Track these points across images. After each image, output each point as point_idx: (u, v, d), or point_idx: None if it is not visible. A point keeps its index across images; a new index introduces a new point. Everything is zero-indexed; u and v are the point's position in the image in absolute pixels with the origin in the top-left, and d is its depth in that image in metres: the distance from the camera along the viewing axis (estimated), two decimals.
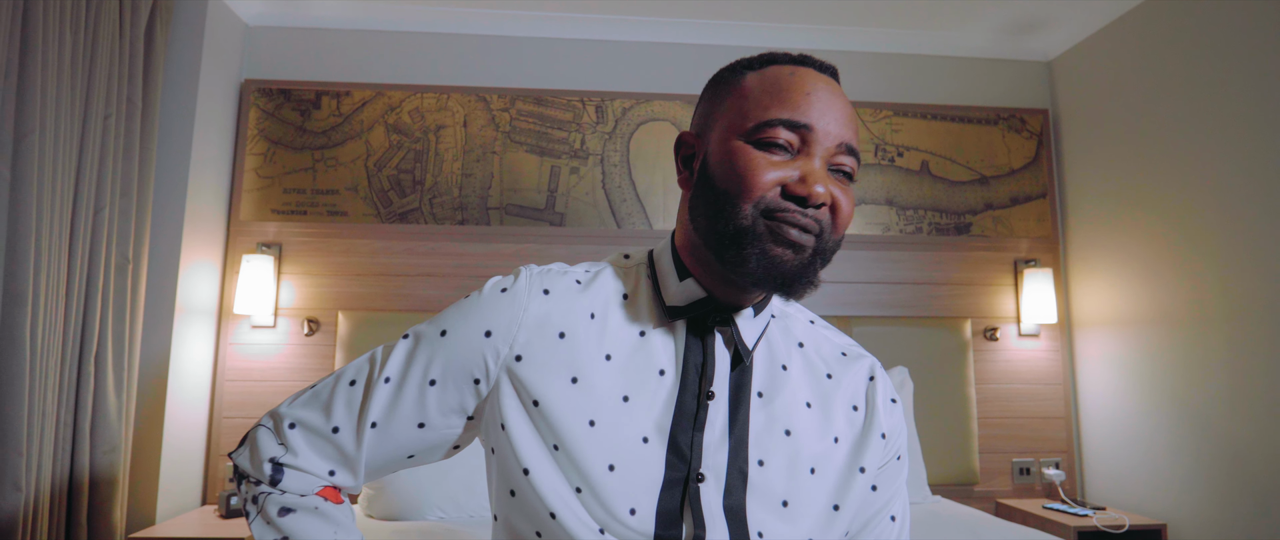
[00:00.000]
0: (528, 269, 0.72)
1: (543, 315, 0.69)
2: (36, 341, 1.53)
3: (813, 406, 0.73)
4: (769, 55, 0.70)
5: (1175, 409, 2.07)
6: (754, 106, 0.65)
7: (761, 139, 0.64)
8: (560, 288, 0.71)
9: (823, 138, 0.64)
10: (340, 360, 2.20)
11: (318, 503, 0.69)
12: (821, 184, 0.63)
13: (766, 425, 0.70)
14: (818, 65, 0.68)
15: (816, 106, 0.64)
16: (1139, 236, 2.20)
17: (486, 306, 0.69)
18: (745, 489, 0.67)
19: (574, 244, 2.37)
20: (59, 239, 1.63)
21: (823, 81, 0.66)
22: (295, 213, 2.31)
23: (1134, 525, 2.01)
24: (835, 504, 0.70)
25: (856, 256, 2.43)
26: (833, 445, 0.71)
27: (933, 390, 2.30)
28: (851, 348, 0.79)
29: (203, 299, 2.18)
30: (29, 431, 1.51)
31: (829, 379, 0.75)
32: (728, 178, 0.64)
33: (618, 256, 0.78)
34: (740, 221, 0.63)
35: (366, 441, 0.68)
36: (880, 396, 0.76)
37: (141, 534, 1.81)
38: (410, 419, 0.69)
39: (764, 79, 0.67)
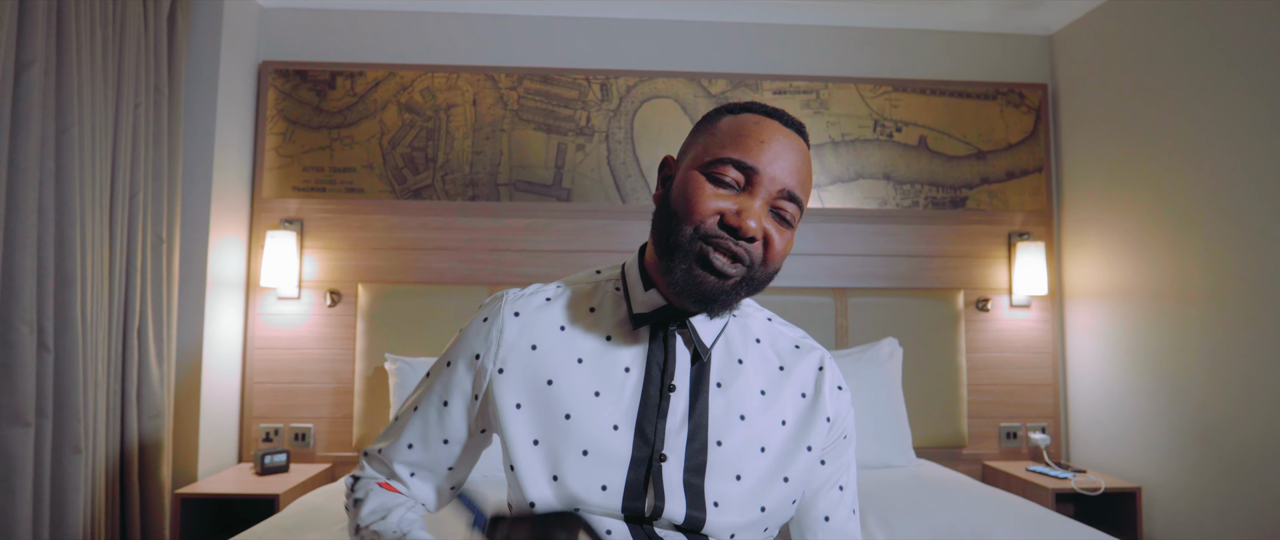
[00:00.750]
0: (507, 298, 0.85)
1: (515, 333, 0.82)
2: (87, 319, 1.68)
3: (766, 394, 0.84)
4: (750, 103, 0.80)
5: (1156, 380, 2.17)
6: (717, 145, 0.76)
7: (713, 173, 0.75)
8: (529, 308, 0.84)
9: (768, 182, 0.75)
10: (361, 330, 2.35)
11: (373, 487, 0.86)
12: (755, 219, 0.74)
13: (724, 411, 0.82)
14: (785, 119, 0.79)
15: (767, 154, 0.75)
16: (1131, 212, 2.27)
17: (473, 334, 0.84)
18: (705, 466, 0.79)
19: (580, 218, 2.48)
20: (100, 224, 1.77)
21: (782, 134, 0.77)
22: (315, 190, 2.44)
23: (1110, 488, 2.13)
24: (784, 477, 0.82)
25: (853, 230, 2.53)
26: (781, 426, 0.84)
27: (923, 359, 2.41)
28: (804, 341, 0.91)
29: (231, 273, 2.33)
30: (85, 400, 1.67)
31: (781, 370, 0.87)
32: (679, 200, 0.76)
33: (590, 273, 0.89)
34: (679, 238, 0.75)
35: (406, 458, 0.86)
36: (827, 384, 0.87)
37: (186, 490, 1.99)
38: (437, 437, 0.85)
39: (734, 123, 0.78)
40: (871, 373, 2.15)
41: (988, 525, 1.44)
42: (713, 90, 2.54)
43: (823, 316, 2.43)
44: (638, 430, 0.78)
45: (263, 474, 2.17)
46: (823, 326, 2.43)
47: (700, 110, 2.52)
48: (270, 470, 2.19)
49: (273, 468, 2.19)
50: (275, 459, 2.21)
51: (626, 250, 2.49)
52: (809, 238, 2.52)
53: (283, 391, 2.40)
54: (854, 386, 2.10)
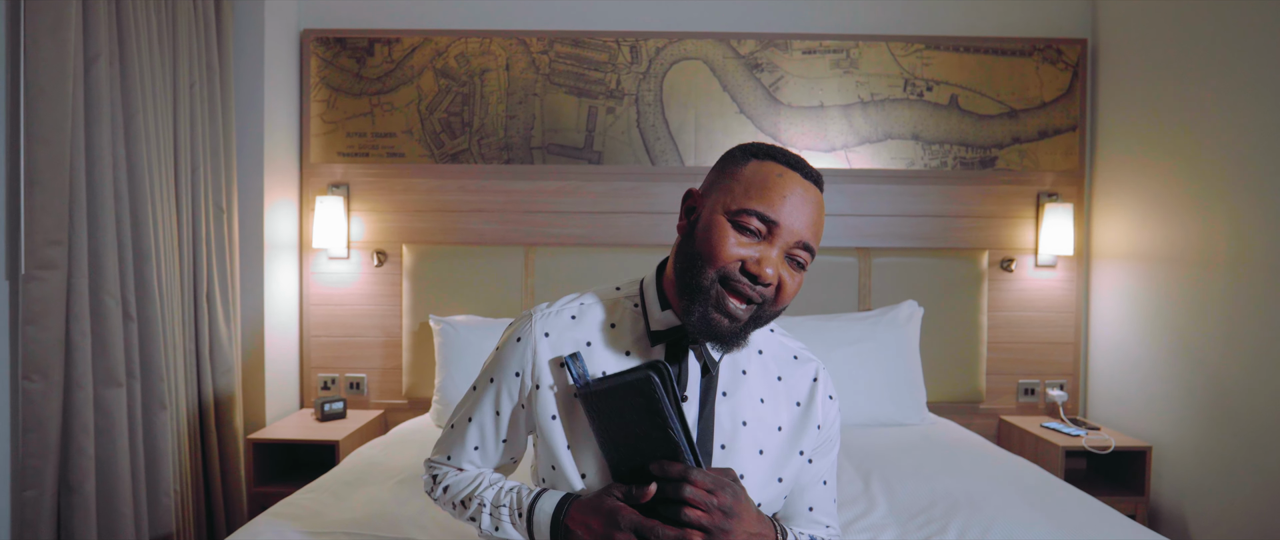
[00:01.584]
0: (535, 316, 0.95)
1: (548, 352, 0.92)
2: (162, 288, 1.86)
3: (765, 402, 0.95)
4: (772, 149, 0.87)
5: (1174, 343, 2.21)
6: (743, 193, 0.83)
7: (738, 221, 0.83)
8: (557, 328, 0.93)
9: (786, 234, 0.83)
10: (407, 288, 2.50)
11: (450, 472, 1.01)
12: (773, 268, 0.82)
13: (728, 417, 0.92)
14: (805, 171, 0.86)
15: (788, 208, 0.82)
16: (1163, 173, 2.25)
17: (511, 354, 0.94)
18: (710, 465, 0.90)
19: (611, 181, 2.56)
20: (167, 200, 1.92)
21: (801, 187, 0.84)
22: (359, 155, 2.56)
23: (1121, 447, 2.21)
24: (779, 477, 0.93)
25: (880, 191, 2.56)
26: (778, 432, 0.94)
27: (945, 317, 2.47)
28: (802, 352, 1.00)
29: (285, 236, 2.49)
30: (166, 362, 1.86)
31: (779, 380, 0.97)
32: (705, 243, 0.84)
33: (610, 288, 0.99)
34: (702, 280, 0.83)
35: (472, 457, 0.99)
36: (820, 395, 0.97)
37: (257, 435, 2.22)
38: (495, 438, 0.98)
39: (759, 173, 0.84)
40: (889, 334, 2.24)
41: (985, 491, 1.55)
42: (742, 51, 2.54)
43: (846, 276, 2.50)
44: None
45: (323, 420, 2.39)
46: (846, 287, 2.50)
47: (729, 72, 2.55)
48: (329, 416, 2.40)
49: (331, 415, 2.41)
50: (333, 406, 2.42)
51: (656, 213, 2.57)
52: (835, 198, 2.56)
53: (337, 344, 2.59)
54: (871, 348, 2.20)
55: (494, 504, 0.93)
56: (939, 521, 1.41)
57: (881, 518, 1.45)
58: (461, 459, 0.99)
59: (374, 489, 1.57)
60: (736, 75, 2.55)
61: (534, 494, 0.91)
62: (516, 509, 0.91)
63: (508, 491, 0.93)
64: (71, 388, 1.65)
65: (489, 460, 0.99)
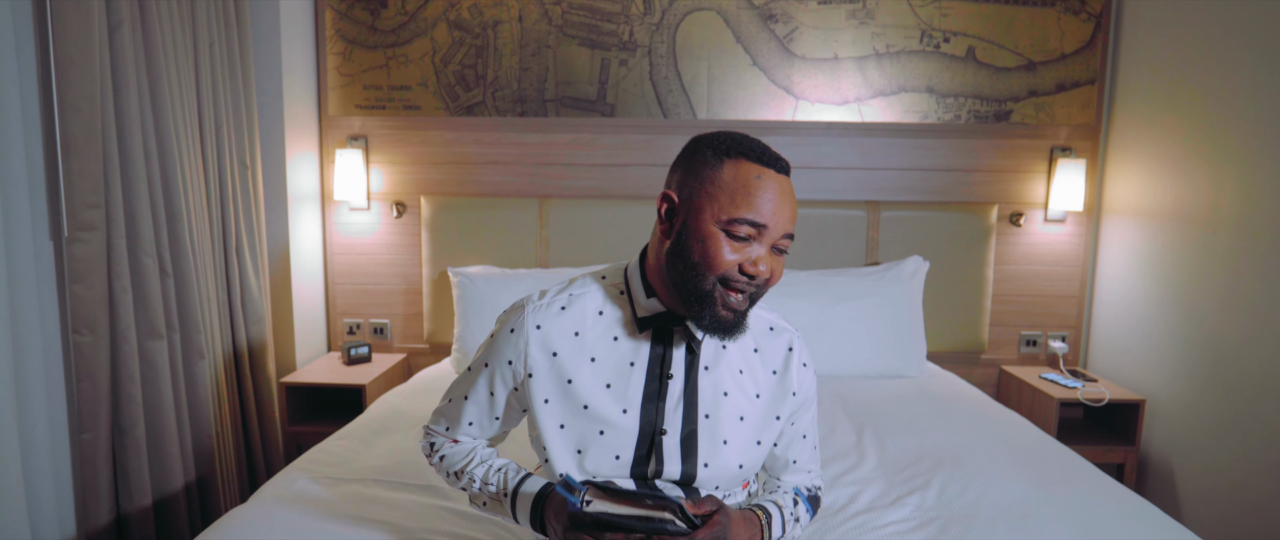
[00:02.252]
0: (527, 308, 1.01)
1: (539, 343, 0.99)
2: (194, 245, 1.96)
3: (744, 373, 1.03)
4: (741, 145, 0.91)
5: (1175, 301, 2.24)
6: (730, 202, 0.88)
7: (730, 230, 0.89)
8: (548, 318, 1.00)
9: (773, 231, 0.89)
10: (425, 239, 2.59)
11: (446, 444, 1.11)
12: (765, 263, 0.90)
13: (710, 389, 1.00)
14: (777, 165, 0.91)
15: (772, 209, 0.88)
16: (1178, 131, 2.23)
17: (504, 343, 1.01)
18: (696, 434, 0.99)
19: (624, 134, 2.59)
20: (194, 159, 2.00)
21: (778, 184, 0.89)
22: (376, 108, 2.60)
23: (1116, 399, 2.27)
24: (758, 441, 1.02)
25: (892, 144, 2.56)
26: (756, 400, 1.03)
27: (951, 270, 2.52)
28: (778, 323, 1.08)
29: (307, 187, 2.57)
30: (202, 314, 1.98)
31: (755, 352, 1.05)
32: (703, 255, 0.90)
33: (597, 275, 1.05)
34: (704, 286, 0.90)
35: (467, 431, 1.08)
36: (794, 363, 1.05)
37: (289, 379, 2.36)
38: (489, 416, 1.06)
39: (739, 175, 0.89)
40: (893, 290, 2.29)
41: (970, 447, 1.63)
42: (756, 1, 2.51)
43: (854, 229, 2.54)
44: (642, 412, 0.98)
45: (350, 364, 2.53)
46: (853, 240, 2.54)
47: (743, 23, 2.52)
48: (356, 361, 2.54)
49: (357, 359, 2.54)
50: (359, 351, 2.55)
51: (668, 165, 2.60)
52: (846, 151, 2.58)
53: (360, 291, 2.71)
54: (875, 303, 2.26)
55: (483, 481, 1.03)
56: (923, 477, 1.50)
57: (870, 471, 1.55)
58: (458, 432, 1.09)
59: (398, 437, 1.69)
60: (750, 26, 2.53)
61: (520, 477, 1.01)
62: (502, 489, 1.01)
63: (496, 471, 1.03)
64: (117, 340, 1.77)
65: (484, 434, 1.09)
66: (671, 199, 0.95)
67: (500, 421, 1.07)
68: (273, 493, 1.39)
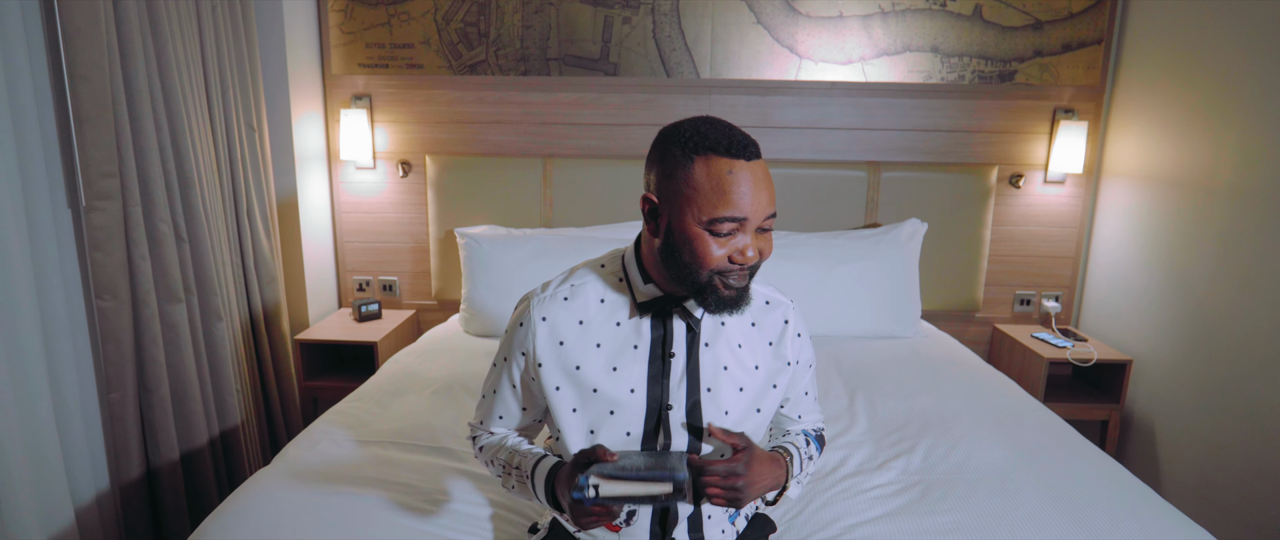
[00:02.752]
0: (532, 301, 1.07)
1: (546, 334, 1.05)
2: (207, 210, 2.01)
3: (742, 347, 1.09)
4: (702, 138, 0.92)
5: (1167, 264, 2.29)
6: (707, 203, 0.92)
7: (714, 229, 0.92)
8: (553, 311, 1.06)
9: (754, 220, 0.93)
10: (432, 198, 2.62)
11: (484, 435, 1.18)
12: (751, 249, 0.94)
13: (711, 364, 1.06)
14: (746, 153, 0.92)
15: (749, 200, 0.91)
16: (1182, 96, 2.23)
17: (515, 337, 1.08)
18: (699, 407, 1.06)
19: (627, 93, 2.60)
20: (203, 125, 2.02)
21: (750, 172, 0.92)
22: (378, 66, 2.60)
23: (1103, 359, 2.35)
24: (757, 409, 1.09)
25: (894, 104, 2.56)
26: (754, 371, 1.09)
27: (948, 230, 2.55)
28: (773, 296, 1.13)
29: (313, 147, 2.60)
30: (218, 277, 2.04)
31: (753, 326, 1.10)
32: (692, 255, 0.94)
33: (595, 265, 1.10)
34: (701, 280, 0.95)
35: (498, 424, 1.16)
36: (789, 334, 1.11)
37: (303, 336, 2.44)
38: (515, 407, 1.13)
39: (711, 175, 0.91)
40: (890, 252, 2.34)
41: (957, 411, 1.71)
42: None
43: (855, 190, 2.57)
44: (649, 391, 1.04)
45: (361, 321, 2.60)
46: (853, 201, 2.57)
47: None
48: (366, 317, 2.62)
49: (368, 316, 2.62)
50: (370, 308, 2.62)
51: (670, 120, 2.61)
52: (848, 112, 2.58)
53: (369, 249, 2.76)
54: (872, 266, 2.31)
55: (507, 466, 1.11)
56: (910, 441, 1.58)
57: (860, 435, 1.63)
58: (491, 425, 1.17)
59: (412, 399, 1.77)
60: None
61: (535, 459, 1.08)
62: (524, 472, 1.08)
63: (521, 456, 1.10)
64: (138, 305, 1.84)
65: (513, 424, 1.16)
66: (652, 201, 0.99)
67: (527, 411, 1.14)
68: (295, 454, 1.48)
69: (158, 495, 1.94)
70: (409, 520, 1.25)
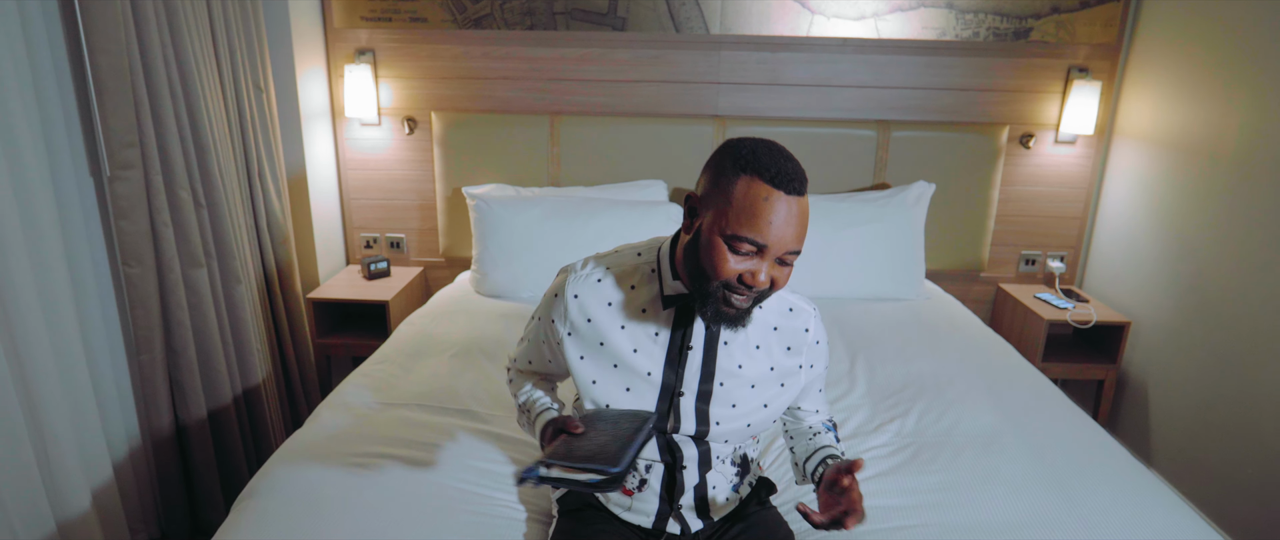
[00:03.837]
0: (570, 277, 1.21)
1: (577, 310, 1.20)
2: (222, 175, 2.14)
3: (760, 348, 1.23)
4: (756, 160, 1.02)
5: (1170, 227, 2.42)
6: (734, 218, 1.02)
7: (733, 245, 1.03)
8: (586, 290, 1.20)
9: (775, 249, 1.03)
10: (438, 155, 2.74)
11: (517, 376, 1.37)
12: (764, 275, 1.03)
13: (728, 361, 1.21)
14: (789, 186, 1.01)
15: (775, 229, 1.01)
16: (1199, 57, 2.33)
17: (552, 306, 1.23)
18: (710, 396, 1.21)
19: (635, 49, 2.68)
20: (215, 91, 2.13)
21: (786, 205, 1.01)
22: (381, 20, 2.68)
23: (1103, 321, 2.51)
24: (765, 404, 1.24)
25: (906, 62, 2.65)
26: (769, 372, 1.23)
27: (957, 190, 2.68)
28: (798, 304, 1.26)
29: (317, 104, 2.70)
30: (235, 240, 2.19)
31: (775, 331, 1.24)
32: (707, 261, 1.06)
33: (632, 254, 1.23)
34: (708, 287, 1.07)
35: (528, 368, 1.34)
36: (808, 341, 1.25)
37: (315, 295, 2.61)
38: (542, 359, 1.30)
39: (748, 194, 1.01)
40: (897, 216, 2.47)
41: (952, 376, 1.88)
42: None
43: (864, 149, 2.68)
44: (664, 375, 1.20)
45: (370, 279, 2.76)
46: (862, 160, 2.69)
47: None
48: (376, 275, 2.77)
49: (377, 273, 2.77)
50: (378, 265, 2.78)
51: (680, 82, 2.71)
52: (860, 69, 2.67)
53: (376, 206, 2.90)
54: (879, 229, 2.45)
55: (522, 406, 1.30)
56: (906, 404, 1.76)
57: (859, 398, 1.80)
58: (522, 365, 1.36)
59: (432, 362, 1.95)
60: None
61: (542, 409, 1.26)
62: (531, 416, 1.27)
63: (534, 402, 1.29)
64: (163, 270, 1.99)
65: (542, 369, 1.34)
66: (694, 200, 1.11)
67: (552, 363, 1.31)
68: (329, 416, 1.66)
69: (187, 450, 2.14)
70: (439, 477, 1.43)
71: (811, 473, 1.25)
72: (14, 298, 1.65)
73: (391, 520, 1.31)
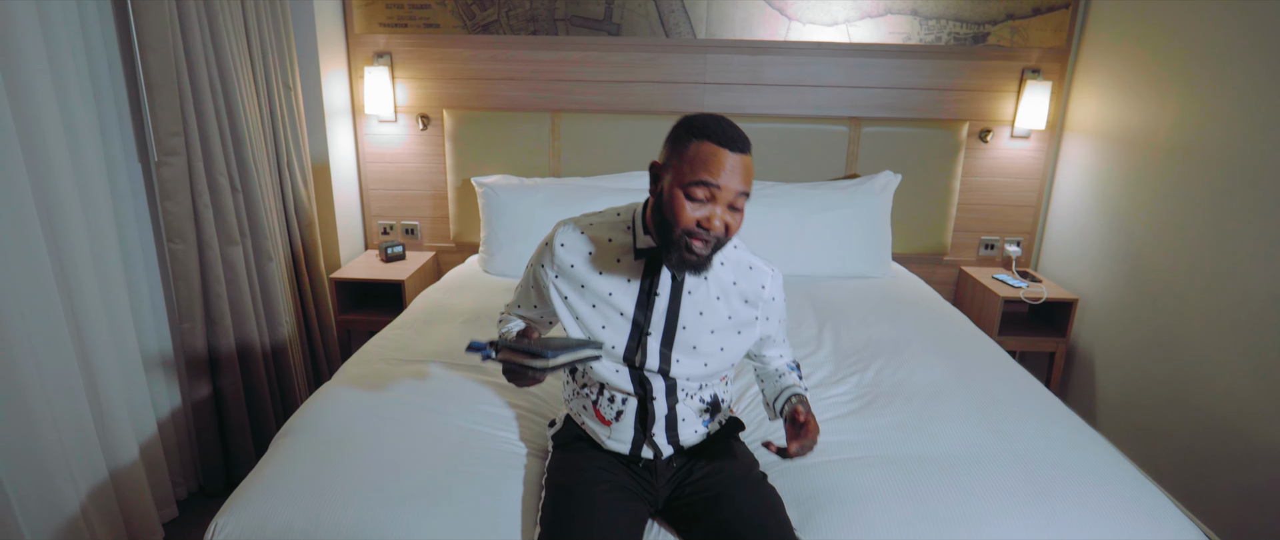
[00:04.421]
0: (559, 230, 1.35)
1: (563, 256, 1.34)
2: (256, 163, 2.28)
3: (720, 299, 1.36)
4: (706, 128, 1.17)
5: (1113, 214, 2.56)
6: (690, 169, 1.17)
7: (690, 192, 1.18)
8: (570, 239, 1.34)
9: (725, 192, 1.17)
10: (449, 149, 2.88)
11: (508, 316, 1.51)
12: (719, 219, 1.18)
13: (690, 308, 1.35)
14: (734, 145, 1.16)
15: (724, 176, 1.16)
16: (1140, 59, 2.46)
17: (542, 253, 1.37)
18: (673, 338, 1.35)
19: (628, 52, 2.82)
20: (249, 87, 2.27)
21: (732, 158, 1.16)
22: (398, 26, 2.82)
23: (1053, 297, 2.65)
24: (722, 347, 1.37)
25: (875, 64, 2.79)
26: (728, 320, 1.37)
27: (921, 181, 2.82)
28: (757, 264, 1.40)
29: (339, 102, 2.84)
30: (266, 223, 2.32)
31: (734, 284, 1.38)
32: (670, 211, 1.20)
33: (612, 212, 1.37)
34: (672, 235, 1.21)
35: (521, 312, 1.47)
36: (764, 297, 1.38)
37: (337, 275, 2.74)
38: (529, 304, 1.44)
39: (700, 151, 1.16)
40: (865, 201, 2.61)
41: (908, 339, 2.01)
42: None
43: (837, 144, 2.82)
44: (635, 316, 1.34)
45: (387, 261, 2.90)
46: (835, 153, 2.83)
47: None
48: (392, 258, 2.91)
49: (393, 257, 2.91)
50: (394, 250, 2.92)
51: (669, 82, 2.85)
52: (833, 70, 2.81)
53: (392, 196, 3.04)
54: (847, 214, 2.59)
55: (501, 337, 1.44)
56: (865, 362, 1.89)
57: (824, 357, 1.94)
58: (513, 311, 1.50)
59: (444, 327, 2.08)
60: None
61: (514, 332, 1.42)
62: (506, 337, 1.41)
63: (510, 330, 1.45)
64: (203, 247, 2.13)
65: (529, 312, 1.47)
66: (657, 166, 1.26)
67: (538, 308, 1.45)
68: (355, 369, 1.80)
69: (223, 412, 2.27)
70: (451, 419, 1.57)
71: (780, 410, 1.39)
72: (73, 269, 1.78)
73: (410, 451, 1.45)
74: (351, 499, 1.31)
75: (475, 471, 1.40)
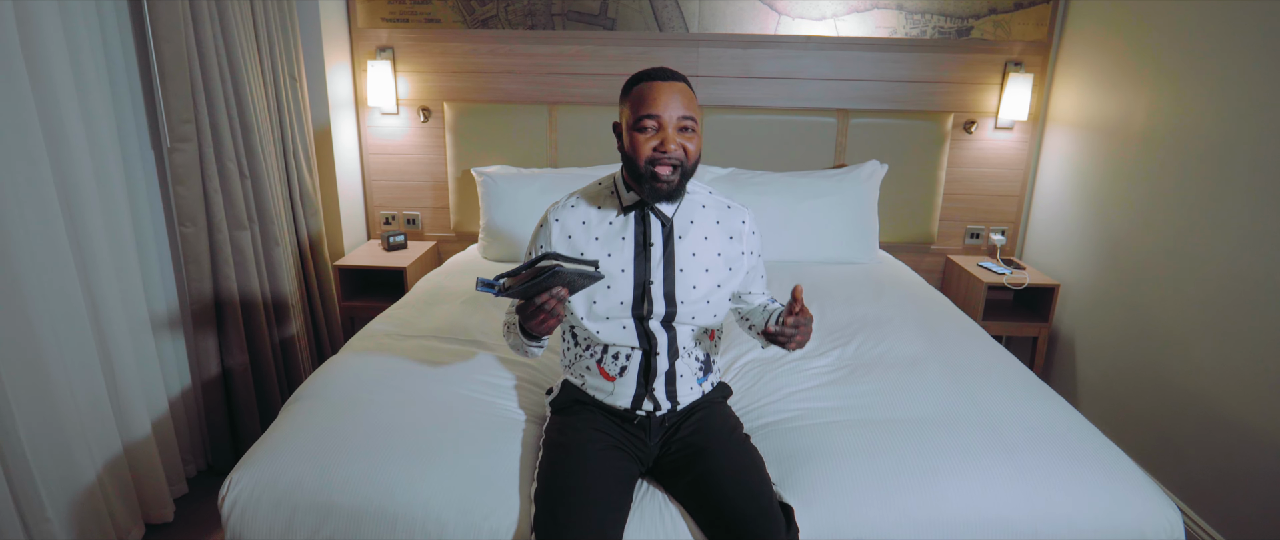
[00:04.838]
0: (551, 210, 1.45)
1: (559, 231, 1.43)
2: (264, 151, 2.36)
3: (708, 239, 1.46)
4: (640, 74, 1.33)
5: (1092, 202, 2.65)
6: (634, 110, 1.32)
7: (640, 126, 1.31)
8: (564, 214, 1.44)
9: (669, 120, 1.31)
10: (449, 141, 2.97)
11: None
12: (671, 143, 1.31)
13: (683, 251, 1.44)
14: (663, 77, 1.31)
15: (662, 104, 1.30)
16: (1118, 52, 2.55)
17: (540, 234, 1.46)
18: (674, 282, 1.43)
19: (623, 46, 2.91)
20: (257, 78, 2.36)
21: (666, 88, 1.30)
22: (400, 21, 2.91)
23: (1035, 283, 2.73)
24: (718, 284, 1.47)
25: (862, 57, 2.88)
26: (717, 257, 1.46)
27: (908, 171, 2.91)
28: (734, 204, 1.51)
29: (343, 95, 2.93)
30: (273, 209, 2.41)
31: (717, 224, 1.48)
32: (631, 150, 1.33)
33: (594, 183, 1.48)
34: (639, 171, 1.34)
35: None
36: (746, 231, 1.49)
37: (341, 262, 2.83)
38: None
39: (638, 92, 1.32)
40: (852, 189, 2.70)
41: (890, 317, 2.10)
42: None
43: (825, 135, 2.91)
44: (635, 270, 1.43)
45: (389, 250, 2.98)
46: (824, 144, 2.92)
47: None
48: (394, 247, 2.99)
49: (395, 246, 3.00)
50: (396, 239, 3.00)
51: None
52: (822, 64, 2.90)
53: (394, 187, 3.12)
54: (836, 201, 2.67)
55: (506, 326, 1.51)
56: (847, 337, 1.98)
57: None
58: None
59: (445, 307, 2.17)
60: None
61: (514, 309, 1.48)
62: (508, 322, 1.48)
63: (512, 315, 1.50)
64: (213, 231, 2.21)
65: None
66: (617, 126, 1.40)
67: None
68: (360, 344, 1.88)
69: (232, 392, 2.35)
70: (453, 388, 1.65)
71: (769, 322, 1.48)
72: (91, 250, 1.87)
73: (413, 415, 1.53)
74: (357, 456, 1.39)
75: (476, 433, 1.48)
